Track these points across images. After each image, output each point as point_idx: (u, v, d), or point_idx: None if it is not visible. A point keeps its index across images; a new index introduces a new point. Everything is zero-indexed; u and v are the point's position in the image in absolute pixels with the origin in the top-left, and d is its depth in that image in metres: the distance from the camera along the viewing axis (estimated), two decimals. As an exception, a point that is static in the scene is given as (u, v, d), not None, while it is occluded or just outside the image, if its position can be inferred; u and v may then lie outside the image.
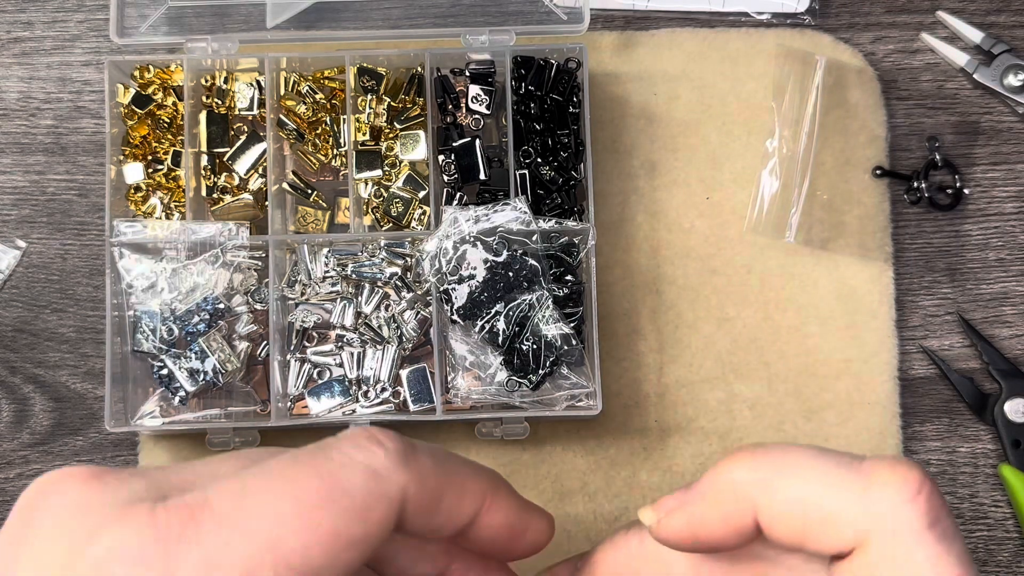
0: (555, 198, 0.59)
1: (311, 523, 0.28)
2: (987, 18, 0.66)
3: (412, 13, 0.66)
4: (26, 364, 0.63)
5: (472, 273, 0.57)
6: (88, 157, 0.65)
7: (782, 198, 0.63)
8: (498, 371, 0.57)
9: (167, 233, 0.59)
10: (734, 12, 0.65)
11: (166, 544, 0.26)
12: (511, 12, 0.63)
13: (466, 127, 0.61)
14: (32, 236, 0.65)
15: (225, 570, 0.26)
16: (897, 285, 0.63)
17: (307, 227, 0.62)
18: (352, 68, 0.61)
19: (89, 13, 0.67)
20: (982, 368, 0.63)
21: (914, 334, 0.63)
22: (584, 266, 0.58)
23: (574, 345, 0.56)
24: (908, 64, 0.66)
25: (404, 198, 0.61)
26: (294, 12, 0.64)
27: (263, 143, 0.62)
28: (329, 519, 0.28)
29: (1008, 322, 0.63)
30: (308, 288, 0.60)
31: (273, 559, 0.27)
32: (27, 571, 0.27)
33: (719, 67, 0.65)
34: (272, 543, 0.27)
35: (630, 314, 0.63)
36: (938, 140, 0.63)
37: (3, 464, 0.63)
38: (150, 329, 0.58)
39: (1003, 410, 0.61)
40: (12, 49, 0.66)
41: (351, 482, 0.29)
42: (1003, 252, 0.64)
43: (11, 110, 0.66)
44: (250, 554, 0.26)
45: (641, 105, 0.64)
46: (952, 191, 0.64)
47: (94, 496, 0.28)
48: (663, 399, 0.62)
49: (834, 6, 0.66)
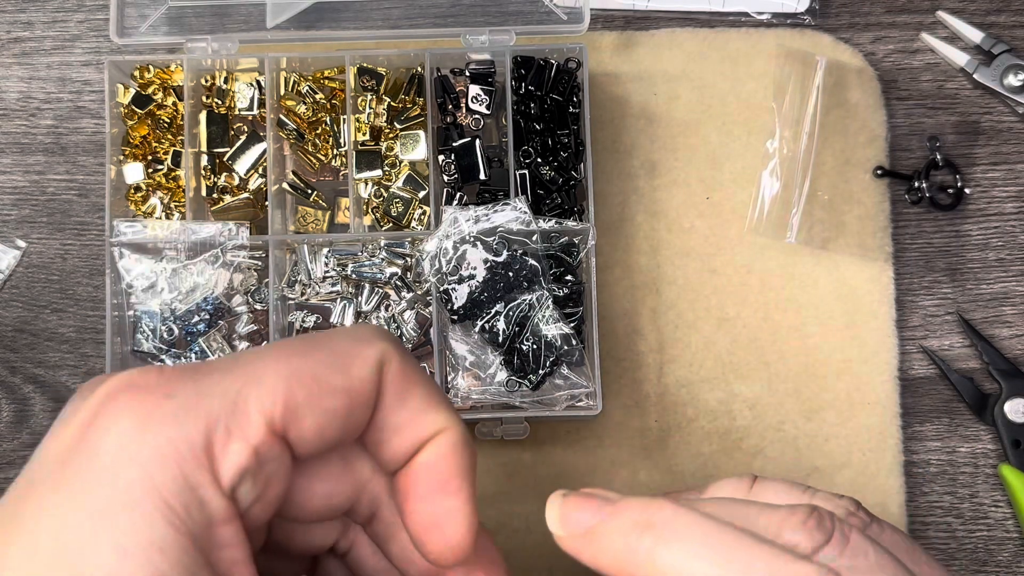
0: (555, 198, 0.59)
1: (291, 366, 0.30)
2: (987, 18, 0.66)
3: (412, 13, 0.66)
4: (26, 364, 0.63)
5: (472, 273, 0.57)
6: (88, 157, 0.65)
7: (783, 199, 0.63)
8: (498, 371, 0.57)
9: (167, 233, 0.59)
10: (734, 12, 0.65)
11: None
12: (511, 12, 0.64)
13: (466, 127, 0.61)
14: (32, 236, 0.65)
15: (213, 398, 0.29)
16: (897, 285, 0.63)
17: (307, 227, 0.62)
18: (352, 68, 0.61)
19: (89, 13, 0.67)
20: (982, 368, 0.63)
21: (914, 334, 0.63)
22: (584, 266, 0.58)
23: (574, 345, 0.56)
24: (908, 64, 0.66)
25: (404, 198, 0.61)
26: (294, 12, 0.64)
27: (263, 143, 0.62)
28: (308, 364, 0.30)
29: (1008, 322, 0.63)
30: (308, 288, 0.60)
31: (257, 393, 0.30)
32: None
33: (719, 67, 0.65)
34: (254, 379, 0.30)
35: (630, 314, 0.63)
36: (939, 140, 0.63)
37: (3, 464, 0.63)
38: (150, 329, 0.58)
39: (1003, 410, 0.61)
40: (12, 49, 0.66)
41: (332, 339, 0.32)
42: (1003, 252, 0.64)
43: (11, 110, 0.66)
44: (234, 388, 0.30)
45: (641, 105, 0.64)
46: (953, 191, 0.64)
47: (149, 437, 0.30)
48: (663, 399, 0.62)
49: (834, 6, 0.66)
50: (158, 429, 0.28)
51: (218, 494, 0.29)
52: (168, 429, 0.28)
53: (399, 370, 0.32)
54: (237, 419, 0.29)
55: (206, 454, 0.29)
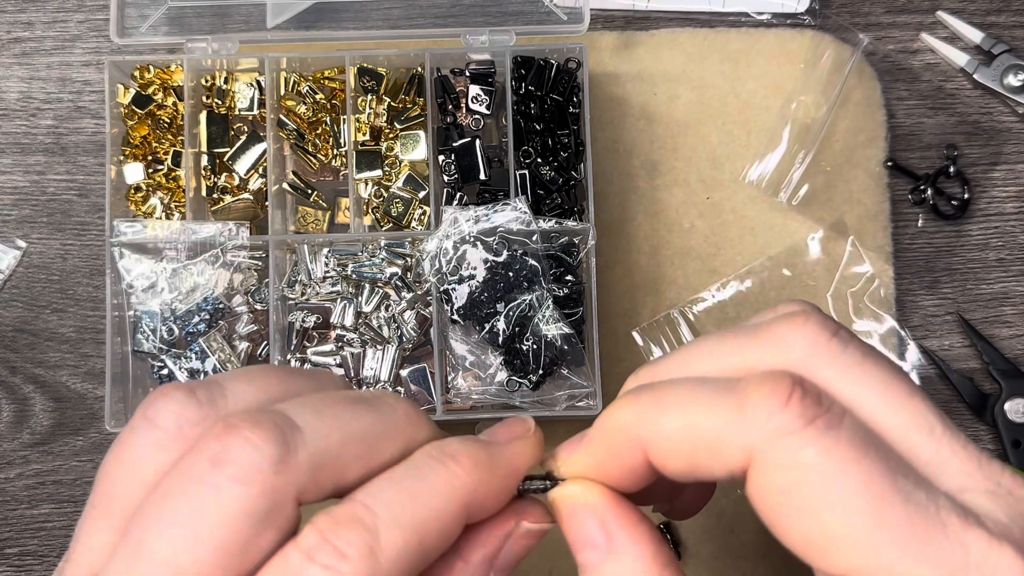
0: (555, 198, 0.59)
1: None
2: (987, 18, 0.66)
3: (412, 13, 0.66)
4: (26, 364, 0.63)
5: (472, 273, 0.57)
6: (88, 157, 0.65)
7: (786, 159, 0.63)
8: (498, 371, 0.57)
9: (167, 233, 0.59)
10: (734, 12, 0.65)
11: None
12: (511, 12, 0.64)
13: (466, 127, 0.61)
14: (32, 236, 0.65)
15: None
16: (897, 285, 0.63)
17: (307, 227, 0.62)
18: (352, 68, 0.61)
19: (89, 13, 0.67)
20: (982, 368, 0.63)
21: (914, 334, 0.63)
22: (584, 266, 0.58)
23: (574, 345, 0.56)
24: (908, 64, 0.66)
25: (404, 198, 0.61)
26: (294, 12, 0.64)
27: (263, 143, 0.62)
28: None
29: (1008, 322, 0.63)
30: (308, 288, 0.60)
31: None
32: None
33: (719, 67, 0.65)
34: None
35: (630, 314, 0.63)
36: (956, 149, 0.63)
37: (3, 464, 0.63)
38: (150, 329, 0.58)
39: (1003, 410, 0.61)
40: (12, 49, 0.66)
41: (225, 522, 0.27)
42: (1003, 252, 0.64)
43: (11, 110, 0.66)
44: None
45: (641, 105, 0.64)
46: (958, 203, 0.64)
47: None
48: (663, 399, 0.62)
49: (834, 6, 0.66)
50: None
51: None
52: None
53: (313, 482, 0.29)
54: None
55: None
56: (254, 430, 0.28)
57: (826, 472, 0.27)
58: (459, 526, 0.30)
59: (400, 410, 0.32)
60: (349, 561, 0.27)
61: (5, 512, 0.62)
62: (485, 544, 0.32)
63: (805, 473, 0.27)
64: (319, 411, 0.30)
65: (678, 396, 0.31)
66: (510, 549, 0.32)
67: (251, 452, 0.27)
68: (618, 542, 0.31)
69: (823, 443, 0.27)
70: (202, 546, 0.27)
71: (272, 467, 0.27)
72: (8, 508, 0.62)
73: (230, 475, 0.27)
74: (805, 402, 0.28)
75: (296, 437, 0.28)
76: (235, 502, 0.27)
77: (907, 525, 0.26)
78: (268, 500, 0.27)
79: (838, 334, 0.30)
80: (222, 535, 0.27)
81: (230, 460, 0.27)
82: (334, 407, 0.30)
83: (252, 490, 0.27)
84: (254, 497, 0.27)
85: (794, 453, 0.27)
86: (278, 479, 0.27)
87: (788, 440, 0.27)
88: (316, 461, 0.28)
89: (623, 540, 0.31)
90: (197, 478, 0.27)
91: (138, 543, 0.27)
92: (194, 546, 0.27)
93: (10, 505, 0.62)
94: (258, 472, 0.27)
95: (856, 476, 0.27)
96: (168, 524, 0.27)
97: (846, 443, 0.27)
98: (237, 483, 0.27)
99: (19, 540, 0.62)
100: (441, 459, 0.30)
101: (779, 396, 0.28)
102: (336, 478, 0.29)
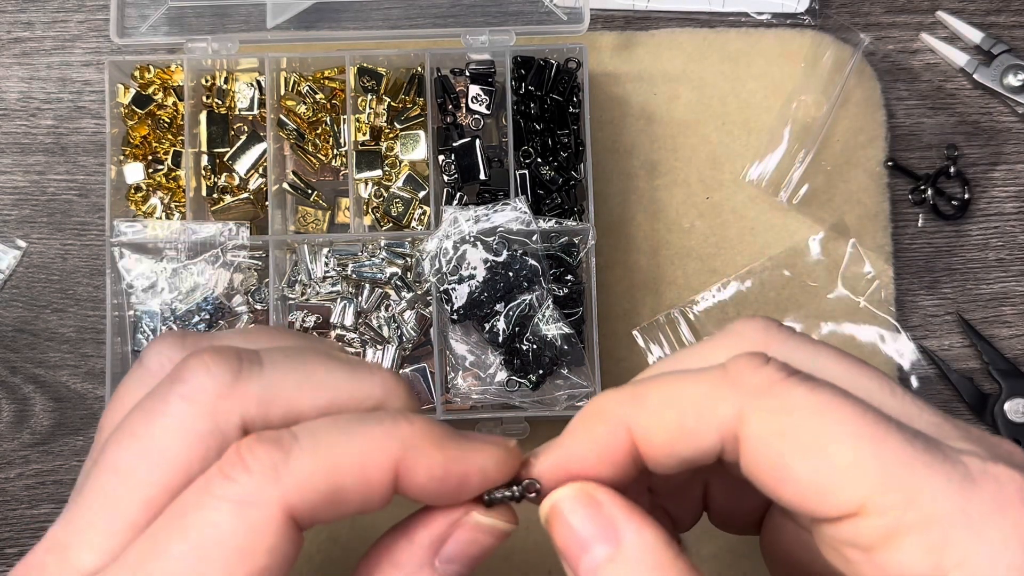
0: (555, 198, 0.59)
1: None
2: (987, 18, 0.66)
3: (412, 13, 0.66)
4: (26, 364, 0.63)
5: (472, 273, 0.57)
6: (88, 157, 0.65)
7: (787, 158, 0.63)
8: (498, 371, 0.57)
9: (167, 233, 0.59)
10: (734, 12, 0.65)
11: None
12: (511, 12, 0.64)
13: (466, 127, 0.61)
14: (32, 236, 0.65)
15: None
16: (897, 285, 0.63)
17: (307, 227, 0.62)
18: (352, 68, 0.61)
19: (89, 13, 0.67)
20: (982, 368, 0.63)
21: (914, 334, 0.63)
22: (584, 266, 0.58)
23: (574, 345, 0.56)
24: (908, 64, 0.66)
25: (404, 198, 0.61)
26: (294, 12, 0.64)
27: (263, 143, 0.62)
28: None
29: (1008, 322, 0.63)
30: (308, 288, 0.60)
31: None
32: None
33: (719, 67, 0.65)
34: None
35: (630, 314, 0.63)
36: (957, 149, 0.63)
37: (3, 464, 0.63)
38: (150, 329, 0.58)
39: (1003, 410, 0.61)
40: (12, 49, 0.66)
41: (218, 527, 0.27)
42: (1003, 252, 0.64)
43: (11, 110, 0.66)
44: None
45: (641, 105, 0.65)
46: (959, 203, 0.64)
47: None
48: (663, 399, 0.62)
49: (834, 6, 0.66)
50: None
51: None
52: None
53: (309, 503, 0.28)
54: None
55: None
56: (214, 357, 0.30)
57: (818, 409, 0.28)
58: (383, 483, 0.29)
59: (377, 376, 0.32)
60: (251, 475, 0.27)
61: (5, 512, 0.62)
62: (429, 526, 0.31)
63: (799, 413, 0.28)
64: (288, 355, 0.31)
65: (660, 378, 0.31)
66: (459, 539, 0.31)
67: (203, 374, 0.29)
68: (625, 533, 0.30)
69: (808, 386, 0.28)
70: (147, 457, 0.29)
71: (218, 389, 0.29)
72: (8, 508, 0.62)
73: (179, 392, 0.29)
74: (780, 364, 0.29)
75: (252, 369, 0.30)
76: (177, 418, 0.29)
77: (908, 447, 0.27)
78: (209, 421, 0.29)
79: (784, 326, 0.33)
80: (164, 447, 0.29)
81: (183, 379, 0.29)
82: (306, 354, 0.32)
83: (195, 408, 0.29)
84: (195, 415, 0.29)
85: (784, 398, 0.28)
86: (221, 402, 0.29)
87: (775, 388, 0.28)
88: (267, 395, 0.30)
89: (630, 531, 0.30)
90: (155, 395, 0.30)
91: (101, 454, 0.30)
92: (140, 456, 0.29)
93: (10, 505, 0.62)
94: (203, 392, 0.29)
95: (847, 409, 0.28)
96: (125, 435, 0.29)
97: (827, 388, 0.28)
98: (183, 400, 0.29)
99: (19, 540, 0.62)
100: (393, 416, 0.30)
101: (757, 360, 0.29)
102: (287, 417, 0.30)
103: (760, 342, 0.32)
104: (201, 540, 0.27)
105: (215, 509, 0.27)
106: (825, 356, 0.31)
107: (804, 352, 0.31)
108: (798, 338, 0.32)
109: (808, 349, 0.32)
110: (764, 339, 0.32)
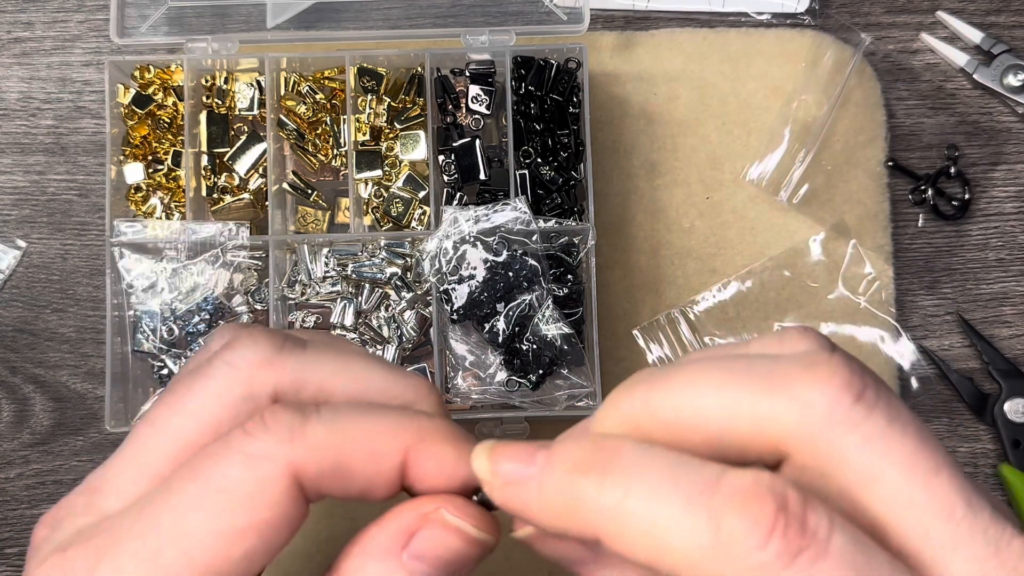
0: (555, 198, 0.59)
1: (186, 526, 0.28)
2: (987, 18, 0.66)
3: (412, 13, 0.66)
4: (26, 364, 0.63)
5: (472, 273, 0.57)
6: (88, 157, 0.65)
7: (787, 157, 0.63)
8: (498, 371, 0.57)
9: (167, 233, 0.59)
10: (734, 12, 0.65)
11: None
12: (511, 12, 0.63)
13: (466, 127, 0.61)
14: (32, 236, 0.65)
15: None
16: (897, 285, 0.63)
17: (307, 227, 0.62)
18: (352, 68, 0.61)
19: (89, 13, 0.67)
20: (982, 368, 0.63)
21: (914, 334, 0.63)
22: (584, 266, 0.59)
23: (574, 345, 0.56)
24: (908, 64, 0.66)
25: (404, 198, 0.61)
26: (294, 12, 0.64)
27: (263, 143, 0.62)
28: (206, 519, 0.28)
29: (1008, 322, 0.63)
30: (308, 288, 0.60)
31: (153, 569, 0.28)
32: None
33: (719, 67, 0.65)
34: (152, 554, 0.28)
35: (630, 314, 0.63)
36: (958, 149, 0.63)
37: (3, 464, 0.63)
38: (150, 329, 0.58)
39: (1003, 410, 0.61)
40: (12, 49, 0.66)
41: (227, 475, 0.29)
42: (1003, 252, 0.64)
43: (11, 110, 0.66)
44: (132, 569, 0.28)
45: (641, 105, 0.65)
46: (959, 203, 0.64)
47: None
48: (663, 399, 0.62)
49: (834, 6, 0.66)
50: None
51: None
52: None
53: (316, 471, 0.30)
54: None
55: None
56: (263, 332, 0.32)
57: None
58: (391, 467, 0.30)
59: (412, 380, 0.34)
60: (268, 434, 0.29)
61: (5, 512, 0.62)
62: (400, 515, 0.31)
63: (850, 463, 0.26)
64: (331, 345, 0.33)
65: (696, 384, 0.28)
66: (426, 535, 0.30)
67: (249, 345, 0.32)
68: (538, 456, 0.28)
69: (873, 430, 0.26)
70: (181, 412, 0.31)
71: (259, 360, 0.31)
72: (8, 508, 0.62)
73: (224, 358, 0.32)
74: (788, 534, 0.25)
75: (295, 349, 0.32)
76: (216, 380, 0.31)
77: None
78: (245, 386, 0.31)
79: (863, 397, 0.27)
80: (199, 406, 0.31)
81: (231, 347, 0.32)
82: (348, 349, 0.34)
83: (234, 373, 0.31)
84: (233, 380, 0.31)
85: (837, 441, 0.26)
86: (259, 371, 0.31)
87: (835, 428, 0.26)
88: (302, 374, 0.32)
89: (542, 454, 0.28)
90: (204, 361, 0.32)
91: (151, 408, 0.32)
92: (175, 411, 0.31)
93: (10, 505, 0.62)
94: (244, 360, 0.31)
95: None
96: (169, 393, 0.32)
97: (901, 431, 0.27)
98: (225, 364, 0.31)
99: (19, 540, 0.62)
100: (415, 411, 0.32)
101: (762, 528, 0.25)
102: (317, 397, 0.32)
103: (820, 424, 0.27)
104: (209, 485, 0.29)
105: (228, 459, 0.29)
106: (891, 460, 0.27)
107: (867, 451, 0.27)
108: (869, 427, 0.27)
109: (875, 447, 0.27)
110: (827, 423, 0.27)
